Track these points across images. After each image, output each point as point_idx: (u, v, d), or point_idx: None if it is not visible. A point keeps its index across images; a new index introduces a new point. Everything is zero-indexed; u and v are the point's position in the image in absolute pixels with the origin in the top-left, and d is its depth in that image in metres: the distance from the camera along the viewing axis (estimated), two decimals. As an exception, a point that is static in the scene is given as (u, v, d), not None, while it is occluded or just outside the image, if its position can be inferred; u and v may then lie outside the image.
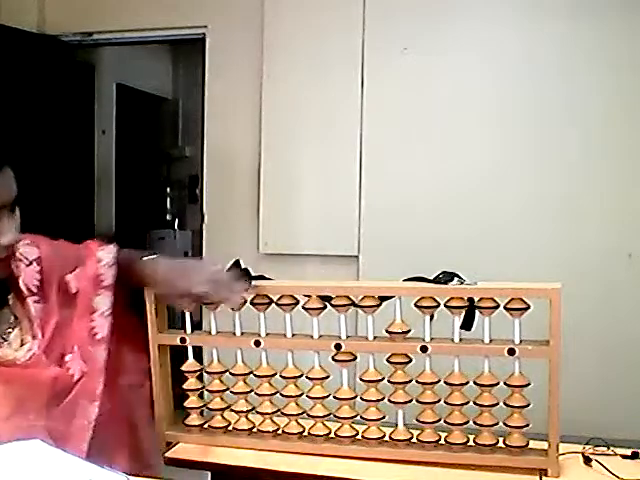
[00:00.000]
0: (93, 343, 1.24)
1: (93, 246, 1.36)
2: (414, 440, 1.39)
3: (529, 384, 1.32)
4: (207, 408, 1.50)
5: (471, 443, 1.36)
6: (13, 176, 1.13)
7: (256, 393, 1.45)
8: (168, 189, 5.76)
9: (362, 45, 3.24)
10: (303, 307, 1.39)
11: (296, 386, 1.43)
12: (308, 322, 1.40)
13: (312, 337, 1.40)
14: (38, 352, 1.16)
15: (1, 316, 1.17)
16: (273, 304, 1.41)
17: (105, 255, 1.33)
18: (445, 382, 1.36)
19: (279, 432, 1.45)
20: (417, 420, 1.38)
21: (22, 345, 1.16)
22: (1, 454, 0.90)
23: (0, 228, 1.10)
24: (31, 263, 1.24)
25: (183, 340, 1.45)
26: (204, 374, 1.50)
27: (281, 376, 1.44)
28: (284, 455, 1.42)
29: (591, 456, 1.35)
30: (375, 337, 1.37)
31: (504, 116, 3.10)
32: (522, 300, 1.29)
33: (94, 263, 1.31)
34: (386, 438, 1.40)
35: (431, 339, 1.35)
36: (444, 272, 1.35)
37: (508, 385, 1.33)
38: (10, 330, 1.17)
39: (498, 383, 1.34)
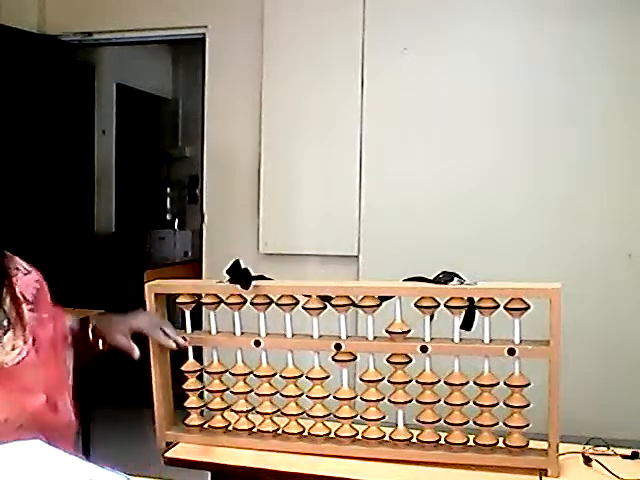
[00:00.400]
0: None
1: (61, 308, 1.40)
2: (414, 440, 1.39)
3: (529, 384, 1.32)
4: (207, 408, 1.50)
5: (471, 443, 1.36)
6: None
7: (256, 393, 1.45)
8: (168, 189, 5.77)
9: (362, 45, 3.24)
10: (303, 307, 1.39)
11: (296, 386, 1.43)
12: (308, 322, 1.40)
13: (312, 337, 1.40)
14: (27, 357, 1.17)
15: None
16: (273, 304, 1.41)
17: (71, 318, 1.39)
18: (445, 382, 1.36)
19: (279, 432, 1.45)
20: (417, 420, 1.38)
21: (13, 349, 1.16)
22: (1, 454, 0.90)
23: None
24: (29, 272, 1.27)
25: (183, 340, 1.45)
26: (204, 374, 1.50)
27: (281, 376, 1.44)
28: (284, 455, 1.41)
29: (591, 456, 1.35)
30: (375, 337, 1.37)
31: (504, 116, 3.10)
32: (522, 300, 1.29)
33: (63, 323, 1.35)
34: (386, 438, 1.40)
35: (431, 339, 1.35)
36: (444, 272, 1.35)
37: (508, 385, 1.33)
38: (3, 333, 1.17)
39: (498, 383, 1.34)
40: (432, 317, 1.34)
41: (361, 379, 1.40)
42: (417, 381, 1.37)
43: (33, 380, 1.16)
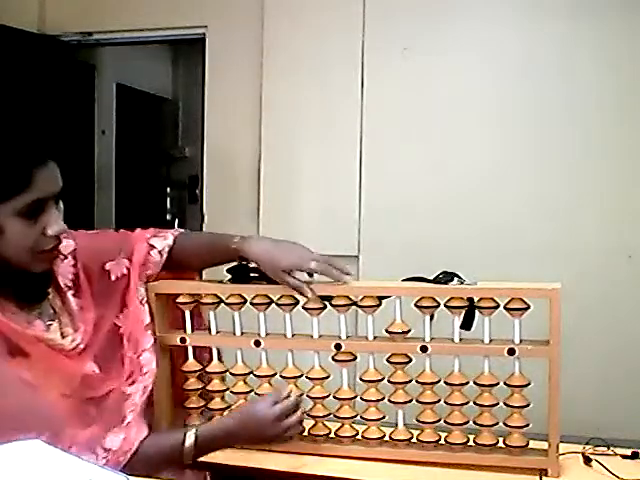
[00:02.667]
0: (142, 332, 1.29)
1: (145, 232, 1.40)
2: (414, 440, 1.39)
3: (529, 384, 1.32)
4: (207, 408, 1.50)
5: (471, 443, 1.36)
6: (58, 169, 1.13)
7: (256, 393, 1.45)
8: (168, 189, 5.76)
9: (362, 45, 3.24)
10: (303, 307, 1.39)
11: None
12: (308, 322, 1.40)
13: (312, 337, 1.40)
14: (82, 345, 1.19)
15: (42, 309, 1.18)
16: (273, 304, 1.41)
17: (158, 243, 1.38)
18: (445, 382, 1.36)
19: (279, 432, 1.45)
20: (417, 420, 1.38)
21: (63, 337, 1.17)
22: (1, 454, 0.90)
23: (47, 219, 1.11)
24: (66, 257, 1.27)
25: (183, 340, 1.44)
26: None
27: (281, 376, 1.43)
28: (284, 455, 1.41)
29: (591, 456, 1.35)
30: (375, 337, 1.37)
31: (504, 116, 3.10)
32: (522, 300, 1.29)
33: (143, 250, 1.35)
34: (386, 438, 1.40)
35: (431, 339, 1.35)
36: (444, 272, 1.35)
37: (508, 385, 1.33)
38: (50, 323, 1.18)
39: (498, 383, 1.34)
40: (432, 317, 1.34)
41: (361, 379, 1.40)
42: (417, 381, 1.37)
43: (89, 366, 1.18)
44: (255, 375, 1.45)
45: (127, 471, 1.01)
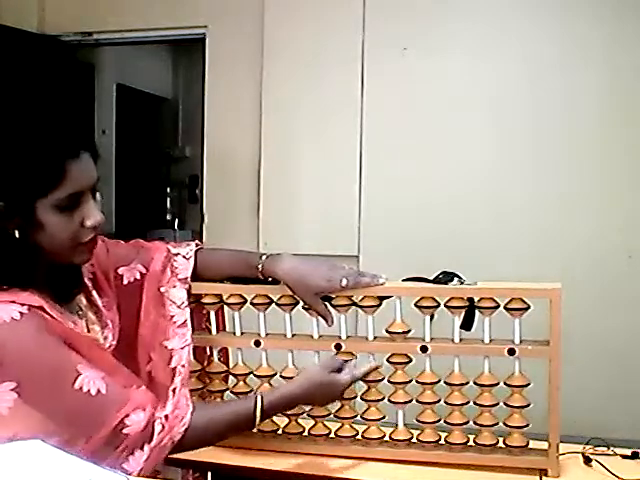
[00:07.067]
0: (174, 332, 1.30)
1: (165, 244, 1.42)
2: (414, 440, 1.39)
3: (529, 384, 1.32)
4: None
5: (471, 443, 1.36)
6: (93, 161, 1.13)
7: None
8: (168, 189, 5.77)
9: (362, 45, 3.24)
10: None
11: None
12: (308, 322, 1.40)
13: (312, 337, 1.40)
14: (114, 342, 1.21)
15: (71, 307, 1.19)
16: (273, 304, 1.41)
17: (182, 250, 1.40)
18: (445, 382, 1.36)
19: (280, 432, 1.45)
20: (417, 420, 1.38)
21: (89, 333, 1.18)
22: (1, 454, 0.90)
23: (85, 211, 1.11)
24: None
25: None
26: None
27: (281, 376, 1.44)
28: (284, 455, 1.42)
29: (591, 456, 1.35)
30: (375, 337, 1.38)
31: (504, 116, 3.10)
32: (522, 300, 1.29)
33: (163, 258, 1.36)
34: (386, 438, 1.40)
35: (431, 339, 1.35)
36: (444, 272, 1.35)
37: (508, 385, 1.33)
38: (78, 320, 1.18)
39: (498, 383, 1.34)
40: (432, 317, 1.34)
41: (361, 379, 1.40)
42: (417, 381, 1.37)
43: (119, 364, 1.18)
44: (255, 375, 1.45)
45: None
